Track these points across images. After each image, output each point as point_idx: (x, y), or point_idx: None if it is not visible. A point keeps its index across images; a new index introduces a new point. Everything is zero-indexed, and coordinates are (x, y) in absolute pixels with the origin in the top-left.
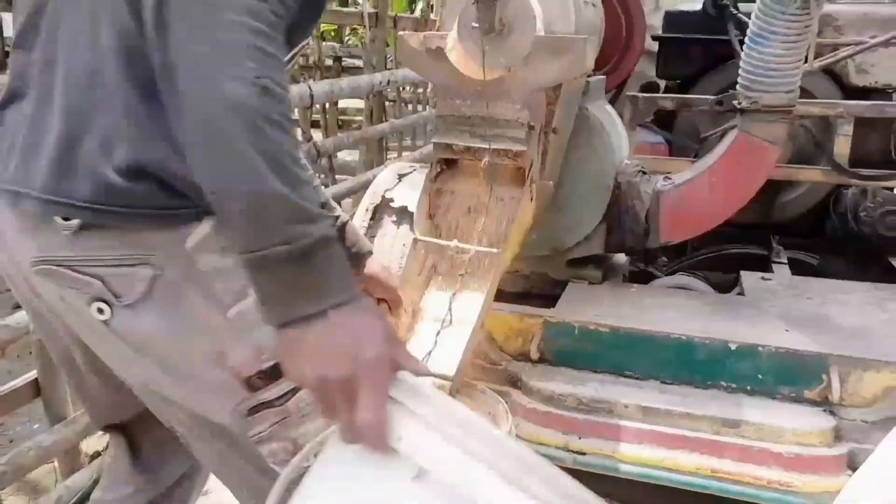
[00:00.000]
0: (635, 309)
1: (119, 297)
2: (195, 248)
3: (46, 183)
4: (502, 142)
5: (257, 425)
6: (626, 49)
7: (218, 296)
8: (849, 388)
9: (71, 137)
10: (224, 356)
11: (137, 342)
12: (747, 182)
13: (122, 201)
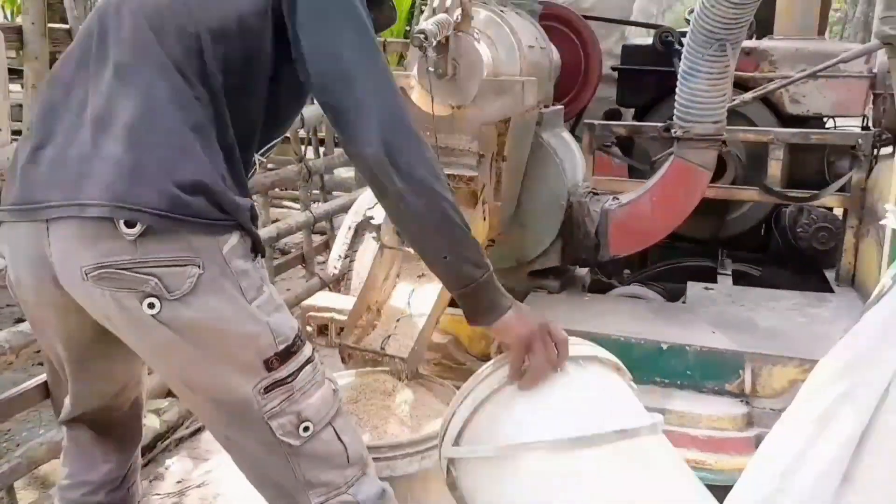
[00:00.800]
0: (586, 314)
1: (171, 292)
2: (228, 253)
3: (116, 193)
4: (457, 168)
5: (271, 402)
6: (584, 82)
7: (244, 291)
8: (761, 381)
9: (136, 159)
10: (250, 339)
11: (182, 329)
12: (683, 202)
13: (181, 211)
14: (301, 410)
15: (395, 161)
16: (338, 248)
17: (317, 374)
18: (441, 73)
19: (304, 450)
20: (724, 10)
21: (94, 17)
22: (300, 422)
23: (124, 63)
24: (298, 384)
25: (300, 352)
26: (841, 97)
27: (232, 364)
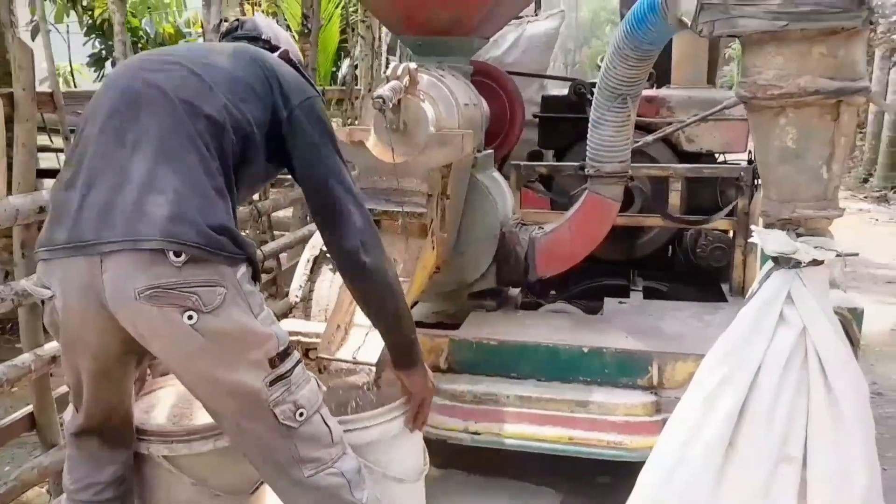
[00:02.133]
0: (520, 327)
1: (206, 306)
2: (241, 278)
3: (166, 231)
4: (409, 206)
5: (275, 392)
6: (510, 128)
7: (252, 307)
8: (666, 376)
9: (179, 209)
10: (260, 343)
11: (212, 335)
12: (597, 229)
13: (214, 246)
14: (297, 399)
15: (366, 255)
16: (298, 279)
17: (304, 372)
18: (395, 129)
19: (299, 432)
20: (624, 70)
21: (118, 89)
22: (296, 409)
23: (164, 137)
24: (294, 379)
25: (293, 354)
26: (727, 137)
27: (246, 363)
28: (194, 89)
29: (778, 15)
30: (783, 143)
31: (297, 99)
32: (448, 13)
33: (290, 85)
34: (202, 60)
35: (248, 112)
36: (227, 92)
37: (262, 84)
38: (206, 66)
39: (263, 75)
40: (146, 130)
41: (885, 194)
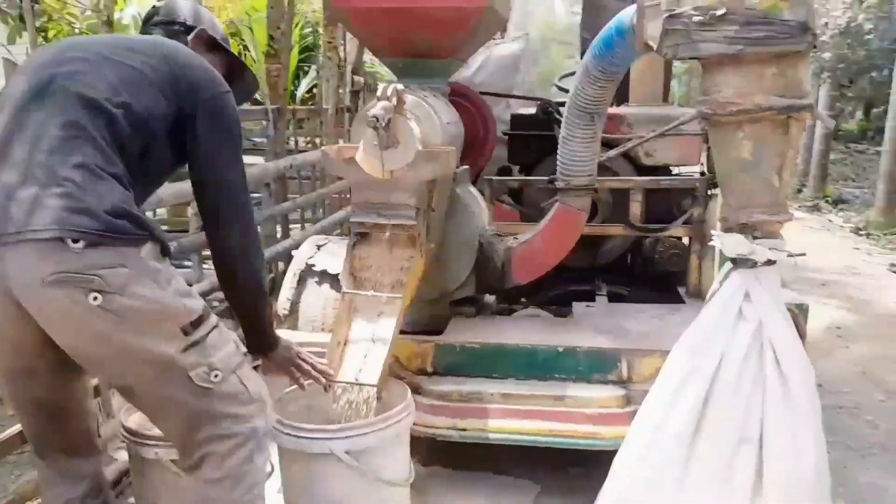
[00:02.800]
0: (497, 331)
1: (110, 286)
2: (145, 256)
3: (63, 220)
4: (399, 219)
5: (189, 357)
6: (483, 148)
7: (160, 280)
8: (634, 370)
9: (78, 196)
10: (168, 314)
11: (119, 311)
12: (568, 238)
13: (112, 230)
14: (211, 363)
15: (240, 261)
16: (285, 293)
17: (222, 336)
18: (386, 146)
19: (216, 391)
20: (593, 90)
21: (25, 83)
22: (211, 370)
23: (64, 130)
24: (209, 343)
25: (207, 321)
26: (682, 151)
27: (158, 333)
28: (97, 85)
29: (735, 40)
30: (740, 154)
31: (202, 95)
32: (429, 38)
33: (198, 82)
34: (113, 56)
35: (149, 108)
36: (129, 88)
37: (168, 82)
38: (114, 62)
39: (171, 73)
40: (46, 123)
41: (818, 204)
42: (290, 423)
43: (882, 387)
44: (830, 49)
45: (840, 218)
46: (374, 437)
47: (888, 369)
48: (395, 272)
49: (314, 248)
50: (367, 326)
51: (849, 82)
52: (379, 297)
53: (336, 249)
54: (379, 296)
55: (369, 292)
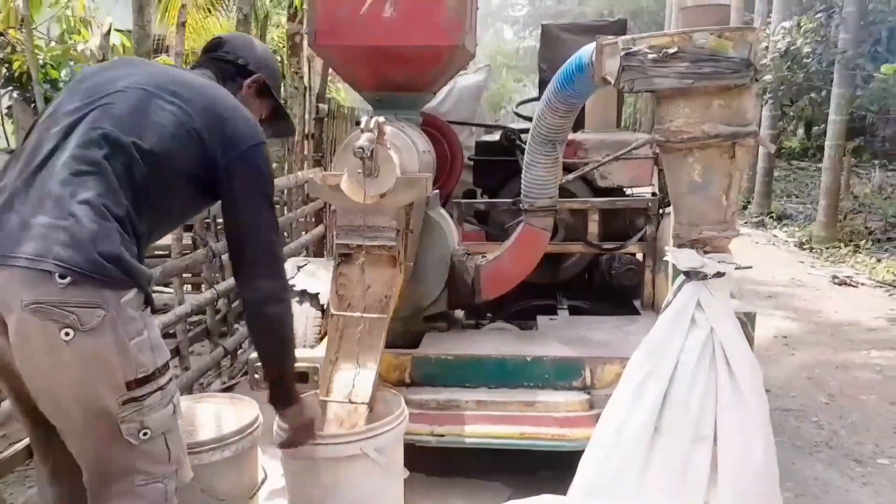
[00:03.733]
0: (469, 344)
1: (83, 325)
2: (124, 303)
3: (56, 255)
4: (381, 240)
5: (125, 411)
6: (451, 173)
7: (128, 332)
8: (597, 377)
9: (76, 234)
10: (120, 367)
11: (82, 352)
12: (532, 256)
13: (98, 272)
14: (144, 421)
15: (267, 307)
16: None
17: (164, 399)
18: (369, 173)
19: (140, 448)
20: (554, 120)
21: (67, 102)
22: (142, 428)
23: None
24: (148, 403)
25: (155, 382)
26: (635, 173)
27: (105, 382)
28: (125, 123)
29: (685, 75)
30: (691, 177)
31: (238, 148)
32: (404, 73)
33: (236, 133)
34: (154, 97)
35: (177, 153)
36: (159, 130)
37: (205, 130)
38: (152, 103)
39: (209, 123)
40: (68, 155)
41: (763, 219)
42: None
43: (825, 390)
44: (772, 71)
45: (784, 233)
46: (393, 434)
47: (831, 374)
48: (378, 290)
49: (295, 269)
50: (356, 345)
51: (790, 102)
52: (365, 317)
53: (315, 270)
54: (365, 316)
55: (356, 313)
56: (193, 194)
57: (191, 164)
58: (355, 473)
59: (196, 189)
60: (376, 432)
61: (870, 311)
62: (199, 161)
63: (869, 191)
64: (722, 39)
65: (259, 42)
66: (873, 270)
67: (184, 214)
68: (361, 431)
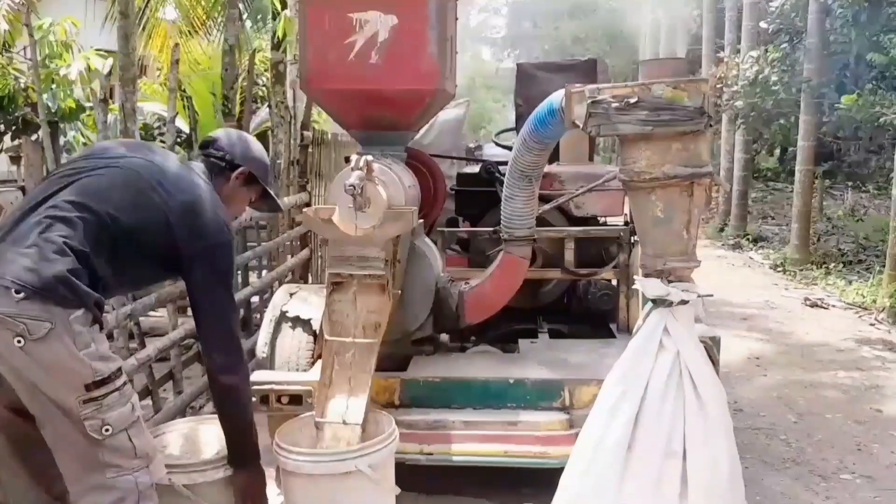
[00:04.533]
0: (455, 366)
1: (31, 335)
2: (72, 319)
3: (15, 275)
4: (371, 270)
5: (86, 410)
6: (434, 203)
7: (76, 343)
8: (575, 398)
9: (34, 260)
10: (75, 371)
11: (37, 356)
12: (512, 282)
13: (48, 291)
14: (105, 418)
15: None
16: (263, 337)
17: (122, 399)
18: (359, 207)
19: (105, 443)
20: (530, 157)
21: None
22: (103, 425)
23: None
24: (107, 402)
25: (112, 384)
26: (608, 203)
27: (63, 383)
28: (109, 203)
29: (646, 122)
30: (654, 213)
31: (203, 243)
32: (390, 114)
33: (204, 230)
34: (141, 182)
35: (148, 236)
36: (137, 214)
37: (176, 224)
38: (136, 189)
39: (183, 218)
40: (46, 205)
41: (739, 242)
42: (311, 451)
43: (795, 409)
44: (742, 98)
45: (760, 255)
46: (385, 452)
47: (800, 394)
48: (368, 317)
49: (287, 296)
50: (348, 369)
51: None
52: (356, 342)
53: (307, 296)
54: (356, 341)
55: (348, 338)
56: (156, 267)
57: (157, 244)
58: (350, 489)
59: (159, 265)
60: (370, 450)
61: (839, 332)
62: (165, 245)
63: (842, 213)
64: (677, 90)
65: (247, 136)
66: (843, 292)
67: (144, 279)
68: (356, 449)
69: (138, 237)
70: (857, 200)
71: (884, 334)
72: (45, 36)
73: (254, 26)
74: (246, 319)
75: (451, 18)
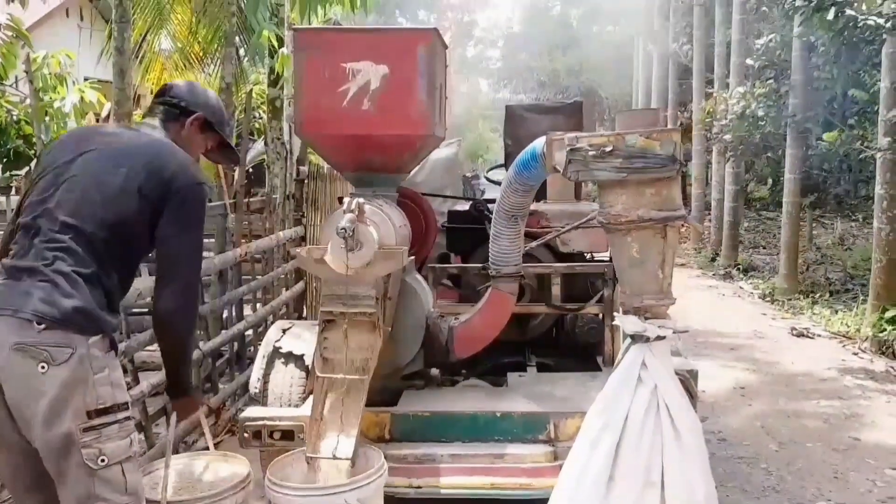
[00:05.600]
0: (444, 401)
1: (55, 361)
2: (90, 345)
3: (35, 308)
4: (362, 307)
5: (85, 437)
6: (426, 240)
7: (94, 367)
8: (560, 430)
9: (51, 293)
10: (83, 397)
11: (55, 381)
12: (500, 317)
13: (67, 321)
14: (102, 448)
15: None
16: (256, 373)
17: (121, 432)
18: (350, 248)
19: (98, 473)
20: (515, 199)
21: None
22: (99, 455)
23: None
24: (106, 433)
25: (114, 415)
26: (593, 240)
27: (70, 407)
28: (81, 210)
29: (621, 169)
30: (630, 254)
31: (174, 185)
32: (382, 158)
33: (172, 176)
34: (103, 176)
35: (127, 216)
36: (109, 205)
37: (145, 184)
38: (101, 182)
39: (149, 176)
40: (39, 237)
41: (730, 272)
42: (301, 485)
43: (777, 438)
44: (731, 132)
45: (750, 285)
46: (373, 486)
47: (782, 423)
48: (360, 353)
49: (280, 332)
50: (339, 405)
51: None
52: (347, 378)
53: (300, 332)
54: (347, 378)
55: (339, 375)
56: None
57: (142, 217)
58: None
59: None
60: (358, 484)
61: (823, 361)
62: (146, 212)
63: (831, 242)
64: (650, 140)
65: (201, 86)
66: (829, 322)
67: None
68: (345, 483)
69: (124, 228)
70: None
71: (866, 363)
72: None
73: (250, 61)
74: (240, 354)
75: (441, 67)
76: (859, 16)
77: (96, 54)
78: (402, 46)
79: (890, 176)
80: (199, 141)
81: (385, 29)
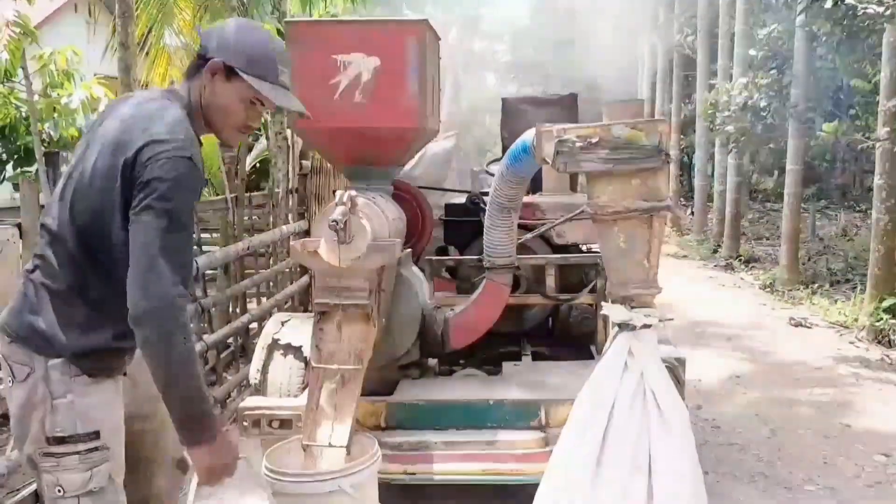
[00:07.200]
0: (439, 390)
1: (15, 377)
2: (50, 367)
3: (5, 319)
4: (356, 300)
5: (45, 462)
6: (422, 233)
7: (53, 392)
8: (551, 417)
9: (21, 308)
10: (42, 421)
11: (16, 401)
12: (494, 308)
13: (25, 339)
14: (58, 479)
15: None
16: (255, 364)
17: (82, 464)
18: (343, 241)
19: (57, 502)
20: (508, 191)
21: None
22: (56, 485)
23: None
24: (63, 463)
25: (73, 444)
26: (587, 231)
27: (32, 428)
28: (61, 218)
29: (607, 160)
30: (617, 244)
31: (140, 160)
32: (374, 151)
33: (140, 153)
34: (80, 179)
35: (106, 219)
36: (86, 211)
37: (112, 171)
38: (77, 188)
39: (112, 164)
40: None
41: (731, 263)
42: (297, 472)
43: (769, 425)
44: (733, 123)
45: (750, 276)
46: (367, 472)
47: (775, 410)
48: (354, 345)
49: (279, 324)
50: (334, 395)
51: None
52: (341, 369)
53: (298, 325)
54: (342, 368)
55: (334, 365)
56: None
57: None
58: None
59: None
60: (352, 470)
61: (819, 350)
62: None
63: (834, 233)
64: (635, 131)
65: (246, 23)
66: (827, 312)
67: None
68: (339, 470)
69: (106, 231)
70: (849, 220)
71: (861, 352)
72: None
73: None
74: (244, 346)
75: (433, 59)
76: (858, 4)
77: (102, 52)
78: (393, 38)
79: (889, 166)
80: (229, 94)
81: (376, 21)
